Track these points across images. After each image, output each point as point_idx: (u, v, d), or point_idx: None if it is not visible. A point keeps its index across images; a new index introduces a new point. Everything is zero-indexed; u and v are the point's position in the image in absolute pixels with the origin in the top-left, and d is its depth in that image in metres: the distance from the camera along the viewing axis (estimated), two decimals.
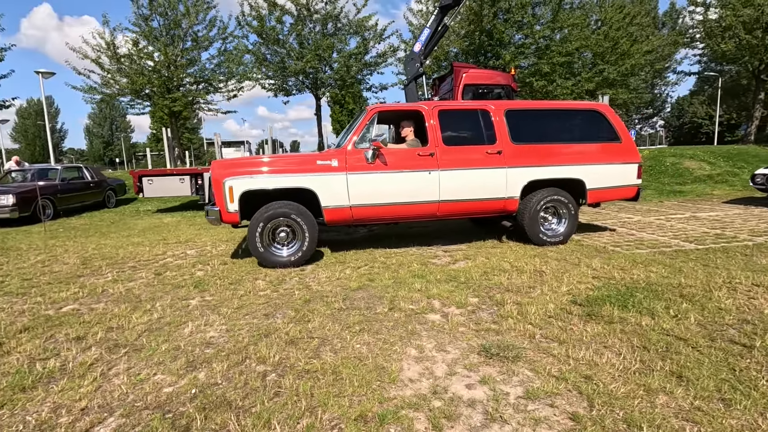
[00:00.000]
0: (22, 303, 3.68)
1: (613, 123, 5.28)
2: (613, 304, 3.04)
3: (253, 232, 4.48)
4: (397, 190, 4.78)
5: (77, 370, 2.40)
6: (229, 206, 4.48)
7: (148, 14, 17.66)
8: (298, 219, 4.57)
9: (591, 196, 5.23)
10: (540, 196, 5.06)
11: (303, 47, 14.98)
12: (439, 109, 4.97)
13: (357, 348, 2.58)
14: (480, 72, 10.50)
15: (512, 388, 2.10)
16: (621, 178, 5.28)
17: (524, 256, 4.61)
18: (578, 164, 5.13)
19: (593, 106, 5.46)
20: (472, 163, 4.91)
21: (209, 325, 3.02)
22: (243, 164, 4.76)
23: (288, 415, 1.91)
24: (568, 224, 5.20)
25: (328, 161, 4.67)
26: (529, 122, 5.21)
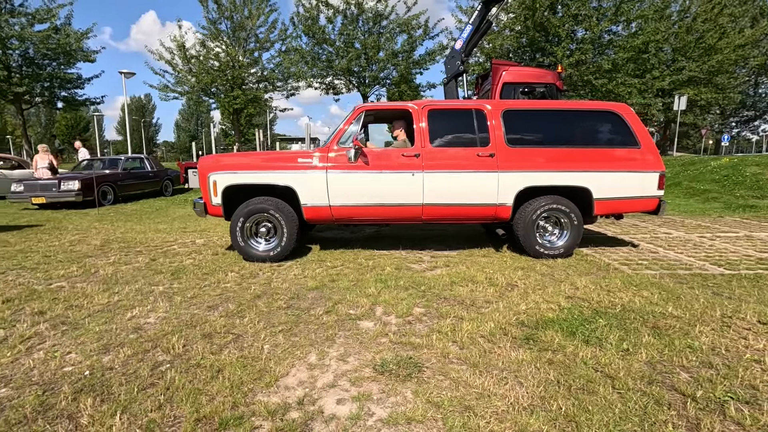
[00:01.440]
0: (26, 276, 4.13)
1: (632, 126, 4.68)
2: (560, 330, 2.70)
3: (234, 226, 4.63)
4: (378, 190, 4.63)
5: (14, 341, 2.64)
6: (213, 200, 4.67)
7: (216, 18, 19.02)
8: (277, 215, 4.62)
9: (599, 207, 4.68)
10: (537, 205, 4.64)
11: (348, 46, 15.18)
12: (429, 109, 4.75)
13: (262, 348, 2.55)
14: (521, 70, 9.94)
15: (381, 408, 1.94)
16: (637, 188, 4.67)
17: (509, 267, 4.27)
18: (583, 171, 4.60)
19: (609, 107, 4.83)
20: (460, 165, 4.61)
21: (153, 312, 3.16)
22: (228, 160, 4.94)
23: (143, 407, 1.93)
24: (570, 236, 4.71)
25: (308, 159, 4.66)
26: (530, 124, 4.80)
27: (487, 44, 16.40)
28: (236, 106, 19.91)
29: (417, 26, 15.17)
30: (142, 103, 77.20)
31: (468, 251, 5.08)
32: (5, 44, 16.27)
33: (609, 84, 14.54)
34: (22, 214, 9.12)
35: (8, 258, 4.91)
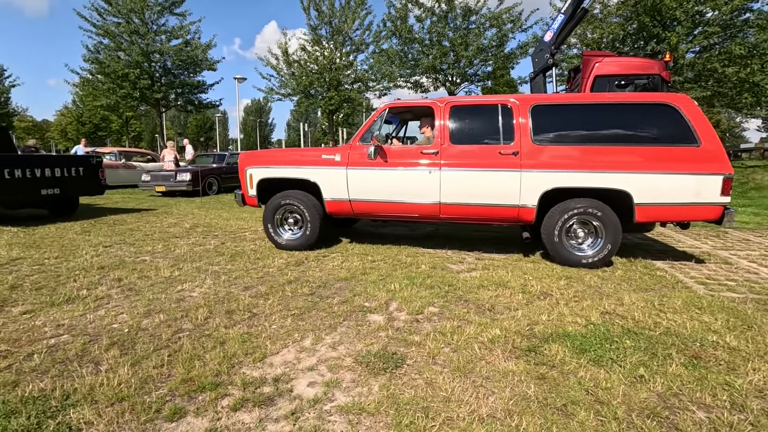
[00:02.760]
0: (123, 249, 5.00)
1: (691, 120, 3.99)
2: (571, 346, 2.45)
3: (265, 215, 5.10)
4: (395, 187, 4.64)
5: (90, 300, 3.25)
6: (249, 191, 5.16)
7: (317, 24, 20.36)
8: (301, 207, 4.93)
9: (641, 213, 4.08)
10: (565, 208, 4.23)
11: (435, 44, 15.06)
12: (452, 105, 4.61)
13: (269, 328, 2.77)
14: (617, 61, 9.01)
15: (344, 396, 2.00)
16: (692, 193, 3.97)
17: (553, 276, 3.94)
18: (621, 171, 4.05)
19: (663, 99, 4.16)
20: (479, 163, 4.39)
21: (198, 287, 3.61)
22: (263, 155, 5.40)
23: (149, 363, 2.26)
24: (604, 245, 4.20)
25: (332, 156, 4.85)
26: (564, 119, 4.38)
27: (590, 33, 14.97)
28: (331, 107, 21.13)
29: (508, 19, 14.47)
30: (261, 104, 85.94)
31: (518, 255, 4.79)
32: (150, 58, 19.49)
33: (742, 72, 12.19)
34: (147, 200, 10.90)
35: (119, 234, 5.96)
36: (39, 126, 63.19)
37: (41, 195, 6.73)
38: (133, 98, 20.34)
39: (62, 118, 49.96)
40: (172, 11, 20.16)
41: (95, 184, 7.64)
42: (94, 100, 23.83)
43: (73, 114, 44.86)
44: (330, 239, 5.60)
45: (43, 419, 1.76)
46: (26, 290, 3.47)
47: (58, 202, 7.51)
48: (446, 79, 16.18)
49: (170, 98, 21.73)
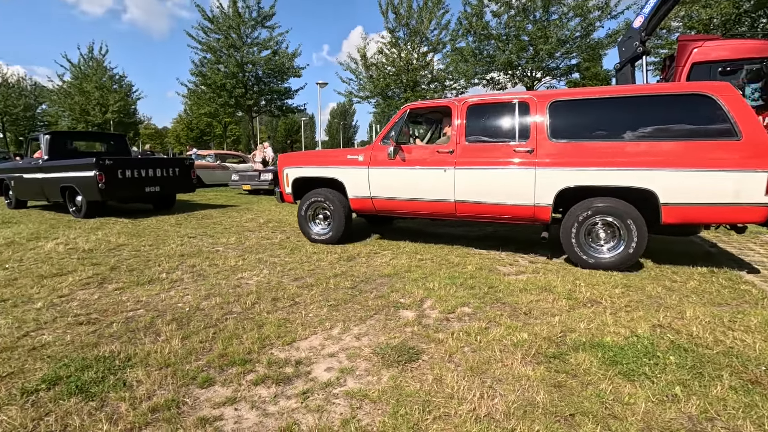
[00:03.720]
0: (204, 240, 5.65)
1: (731, 112, 3.56)
2: (602, 357, 2.29)
3: (298, 211, 5.58)
4: (412, 186, 4.80)
5: (166, 282, 3.77)
6: (286, 189, 5.66)
7: (394, 26, 20.73)
8: (329, 203, 5.31)
9: (669, 214, 3.75)
10: (583, 207, 4.04)
11: (512, 39, 14.43)
12: (469, 105, 4.62)
13: (305, 316, 2.99)
14: (724, 44, 8.08)
15: (354, 382, 2.12)
16: (730, 193, 3.55)
17: (609, 283, 3.64)
18: (644, 168, 3.76)
19: (700, 89, 3.74)
20: (493, 162, 4.35)
21: (255, 276, 3.99)
22: (298, 156, 5.78)
23: (196, 338, 2.59)
24: (626, 247, 3.94)
25: (356, 156, 5.15)
26: (583, 115, 4.17)
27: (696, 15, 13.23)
28: None
29: (595, 7, 13.35)
30: (345, 107, 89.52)
31: None
32: (244, 69, 21.47)
33: None
34: (234, 197, 12.07)
35: (203, 227, 6.74)
36: (160, 132, 72.84)
37: (145, 192, 7.89)
38: (229, 105, 22.57)
39: (176, 125, 57.08)
40: (263, 24, 21.96)
41: (188, 183, 8.74)
42: (198, 108, 26.86)
43: (184, 121, 50.99)
44: (386, 235, 5.76)
45: (106, 375, 2.14)
46: (122, 271, 4.14)
47: (158, 198, 8.73)
48: (524, 75, 15.45)
49: (261, 104, 23.68)
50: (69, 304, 3.22)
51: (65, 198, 7.92)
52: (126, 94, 32.20)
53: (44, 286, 3.63)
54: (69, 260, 4.54)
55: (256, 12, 21.47)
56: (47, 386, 2.04)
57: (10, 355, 2.36)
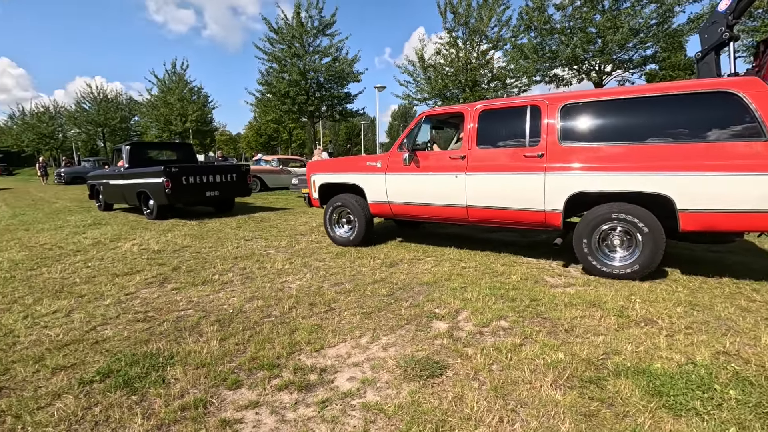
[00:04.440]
0: (258, 243, 5.97)
1: (759, 109, 3.23)
2: (645, 385, 2.08)
3: (324, 215, 5.90)
4: (426, 191, 4.92)
5: (217, 284, 4.04)
6: (313, 194, 6.02)
7: (453, 26, 20.43)
8: (350, 208, 5.57)
9: (687, 221, 3.52)
10: (595, 213, 3.91)
11: (574, 32, 13.51)
12: (481, 110, 4.64)
13: (337, 322, 3.04)
14: None
15: (373, 394, 2.12)
16: (755, 198, 3.24)
17: (671, 300, 3.28)
18: (658, 173, 3.55)
19: (724, 85, 3.43)
20: (503, 167, 4.34)
21: (298, 280, 4.13)
22: (324, 164, 6.12)
23: (233, 339, 2.74)
24: (640, 255, 3.74)
25: (374, 163, 5.38)
26: (596, 117, 3.98)
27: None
28: None
29: None
30: (406, 109, 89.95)
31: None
32: (306, 76, 22.38)
33: None
34: (293, 200, 12.60)
35: (260, 230, 7.12)
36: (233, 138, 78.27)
37: (206, 196, 8.64)
38: (293, 112, 23.64)
39: (248, 131, 60.96)
40: (324, 33, 22.73)
41: (244, 188, 9.40)
42: (265, 115, 28.47)
43: (254, 127, 54.30)
44: (430, 241, 5.69)
45: (150, 371, 2.34)
46: (181, 272, 4.50)
47: (218, 202, 9.45)
48: (590, 69, 14.43)
49: (322, 110, 24.52)
50: (132, 301, 3.56)
51: (141, 201, 8.89)
52: (203, 104, 35.02)
53: (115, 284, 4.05)
54: (140, 260, 5.03)
55: (317, 21, 22.28)
56: (100, 378, 2.27)
57: (77, 347, 2.67)
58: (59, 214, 9.94)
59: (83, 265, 4.84)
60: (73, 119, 41.63)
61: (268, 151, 47.38)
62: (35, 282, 4.17)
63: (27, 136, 45.12)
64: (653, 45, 13.19)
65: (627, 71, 14.74)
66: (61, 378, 2.29)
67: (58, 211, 10.64)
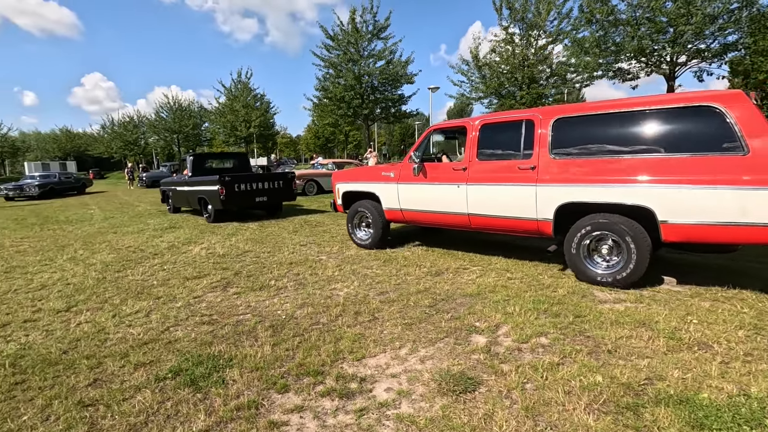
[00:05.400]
0: (311, 248, 6.31)
1: (739, 123, 3.32)
2: (687, 415, 2.01)
3: (347, 220, 6.45)
4: (432, 199, 5.33)
5: (273, 290, 4.38)
6: (338, 200, 6.64)
7: (508, 23, 19.87)
8: (369, 213, 6.07)
9: (669, 232, 3.63)
10: (583, 223, 4.10)
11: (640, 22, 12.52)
12: (482, 124, 4.96)
13: (380, 332, 3.20)
14: None
15: (407, 406, 2.26)
16: (734, 211, 3.30)
17: (729, 322, 3.07)
18: (639, 185, 3.70)
19: (706, 99, 3.52)
20: (500, 178, 4.65)
21: (346, 287, 4.36)
22: (346, 174, 6.73)
23: (284, 345, 3.00)
24: (626, 264, 3.87)
25: (389, 173, 5.87)
26: (585, 131, 4.16)
27: None
28: (521, 106, 20.29)
29: None
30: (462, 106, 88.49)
31: (698, 290, 3.86)
32: (360, 81, 22.88)
33: None
34: None
35: (314, 235, 7.50)
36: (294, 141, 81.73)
37: (255, 201, 9.52)
38: (348, 116, 24.29)
39: (307, 134, 63.40)
40: (378, 36, 23.09)
41: (290, 193, 10.25)
42: (322, 119, 29.49)
43: (312, 131, 56.32)
44: (477, 249, 5.68)
45: (212, 371, 2.65)
46: (242, 276, 4.91)
47: (267, 206, 10.20)
48: (660, 61, 13.35)
49: (376, 113, 24.94)
50: (199, 305, 3.98)
51: (201, 206, 9.96)
52: (265, 110, 36.98)
53: (186, 287, 4.53)
54: (207, 264, 5.55)
55: (371, 25, 22.69)
56: (172, 376, 2.62)
57: (153, 346, 3.07)
58: (141, 217, 11.10)
59: (160, 268, 5.44)
60: (153, 127, 45.79)
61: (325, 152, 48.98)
62: (121, 283, 4.78)
63: (115, 143, 50.36)
64: (736, 31, 11.92)
65: (704, 61, 13.47)
66: (141, 374, 2.67)
67: (140, 214, 11.87)
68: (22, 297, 4.41)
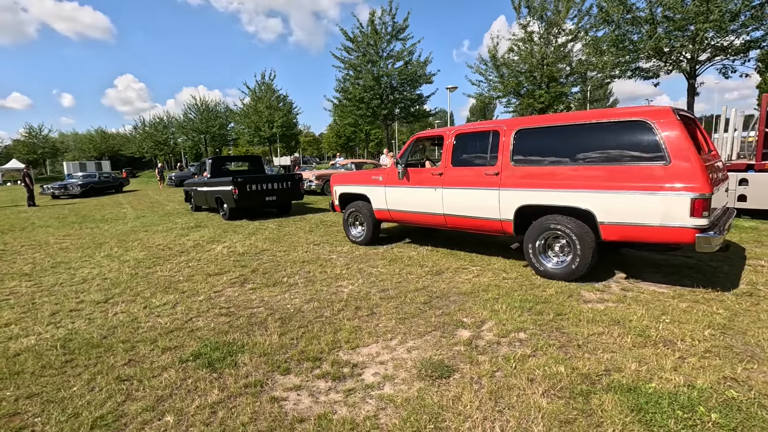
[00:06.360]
0: (324, 248, 6.73)
1: (664, 137, 3.80)
2: (628, 402, 2.30)
3: (343, 219, 7.16)
4: (414, 201, 5.97)
5: (285, 286, 4.80)
6: (335, 201, 7.35)
7: (527, 22, 19.80)
8: (360, 213, 6.77)
9: (606, 232, 4.20)
10: (538, 223, 4.65)
11: (656, 21, 12.32)
12: (456, 133, 5.53)
13: (375, 325, 3.57)
14: None
15: (389, 387, 2.62)
16: (658, 214, 3.81)
17: (700, 322, 3.29)
18: (584, 191, 4.23)
19: (638, 115, 4.02)
20: (469, 183, 5.21)
21: (350, 285, 4.74)
22: (342, 177, 7.37)
23: (288, 336, 3.41)
24: (572, 260, 4.41)
25: (378, 177, 6.51)
26: (542, 142, 4.69)
27: None
28: (540, 105, 20.21)
29: None
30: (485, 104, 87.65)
31: (689, 291, 4.06)
32: (379, 82, 23.25)
33: None
34: None
35: (328, 234, 7.92)
36: (316, 139, 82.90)
37: (266, 200, 10.26)
38: (367, 116, 24.71)
39: (329, 133, 64.29)
40: (397, 37, 23.39)
41: (297, 193, 10.99)
42: (342, 119, 30.02)
43: (334, 130, 57.09)
44: (480, 250, 5.96)
45: (227, 355, 3.08)
46: (259, 274, 5.37)
47: (277, 205, 10.86)
48: (678, 60, 13.11)
49: (395, 113, 25.27)
50: (219, 298, 4.45)
51: (218, 205, 10.82)
52: (288, 110, 37.83)
53: (208, 283, 5.02)
54: (227, 261, 6.04)
55: (390, 26, 23.00)
56: (193, 358, 3.07)
57: (178, 334, 3.54)
58: (170, 216, 11.83)
59: (185, 264, 5.97)
60: (181, 127, 47.44)
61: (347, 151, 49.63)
62: (151, 279, 5.31)
63: (146, 143, 52.47)
64: (758, 27, 11.61)
65: (728, 57, 13.16)
66: (167, 356, 3.13)
67: (169, 213, 12.63)
68: (67, 289, 4.99)
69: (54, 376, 2.90)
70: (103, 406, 2.50)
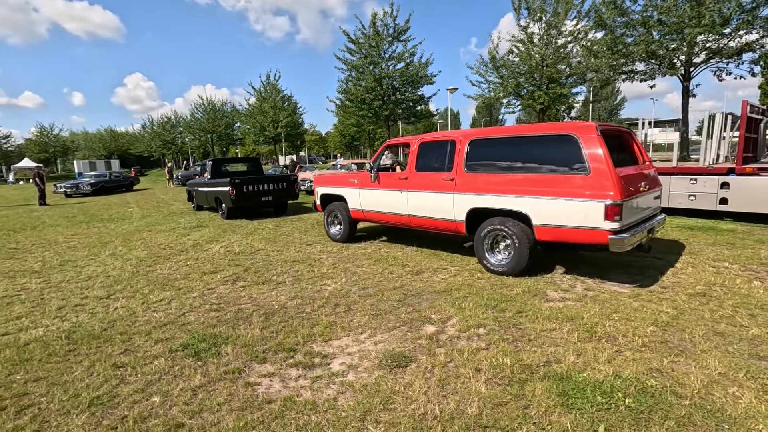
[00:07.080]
0: (315, 248, 7.07)
1: (585, 149, 4.37)
2: (557, 389, 2.60)
3: (324, 218, 7.78)
4: (384, 202, 6.51)
5: (273, 284, 5.14)
6: (317, 202, 7.91)
7: (526, 23, 19.96)
8: (339, 213, 7.37)
9: (540, 233, 4.76)
10: (485, 224, 5.20)
11: (649, 25, 12.47)
12: (421, 142, 6.09)
13: (349, 320, 3.90)
14: None
15: (353, 375, 2.94)
16: (580, 218, 4.38)
17: (647, 320, 3.57)
18: (522, 196, 4.80)
19: (567, 130, 4.61)
20: (430, 187, 5.78)
21: (334, 283, 5.07)
22: (323, 179, 7.93)
23: (269, 329, 3.75)
24: (512, 257, 4.98)
25: (354, 180, 7.09)
26: (489, 151, 5.26)
27: None
28: (539, 106, 20.38)
29: None
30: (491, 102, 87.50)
31: (647, 291, 4.33)
32: (381, 83, 23.54)
33: None
34: None
35: (321, 235, 8.25)
36: (322, 138, 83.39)
37: (262, 201, 10.71)
38: (369, 117, 25.02)
39: (334, 132, 64.72)
40: (399, 39, 23.64)
41: (292, 193, 11.42)
42: (346, 119, 30.36)
43: (338, 129, 57.49)
44: (462, 251, 6.26)
45: (212, 346, 3.43)
46: (251, 272, 5.72)
47: (273, 205, 11.28)
48: (671, 63, 13.23)
49: (397, 113, 25.55)
50: (211, 295, 4.80)
51: (217, 205, 11.33)
52: (293, 111, 38.26)
53: (202, 281, 5.38)
54: (223, 260, 6.41)
55: (392, 28, 23.26)
56: (181, 349, 3.42)
57: (170, 327, 3.89)
58: (174, 216, 12.26)
59: (184, 263, 6.35)
60: (188, 127, 48.11)
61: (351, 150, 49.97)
62: (151, 276, 5.69)
63: (155, 142, 53.26)
64: (749, 32, 11.72)
65: (723, 60, 13.27)
66: (159, 347, 3.48)
67: (173, 213, 13.06)
68: (73, 286, 5.38)
69: (58, 362, 3.27)
70: (100, 388, 2.86)
